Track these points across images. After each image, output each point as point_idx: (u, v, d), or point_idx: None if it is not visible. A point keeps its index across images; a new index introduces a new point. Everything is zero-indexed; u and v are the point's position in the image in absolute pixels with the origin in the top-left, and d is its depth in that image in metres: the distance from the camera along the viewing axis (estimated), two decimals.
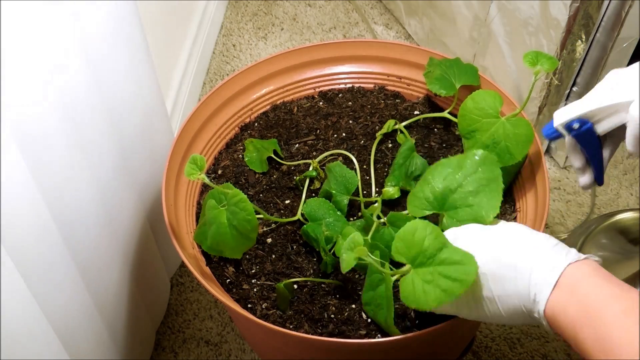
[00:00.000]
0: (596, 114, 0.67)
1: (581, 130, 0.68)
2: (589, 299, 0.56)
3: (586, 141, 0.69)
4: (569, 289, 0.58)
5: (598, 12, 1.10)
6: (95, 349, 0.85)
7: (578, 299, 0.56)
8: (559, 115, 0.69)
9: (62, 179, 0.72)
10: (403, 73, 1.04)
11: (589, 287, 0.57)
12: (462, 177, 0.76)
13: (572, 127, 0.68)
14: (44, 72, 0.66)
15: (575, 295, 0.57)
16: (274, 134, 1.00)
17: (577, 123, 0.67)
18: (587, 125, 0.67)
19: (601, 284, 0.57)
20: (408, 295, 0.66)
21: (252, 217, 0.77)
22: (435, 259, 0.66)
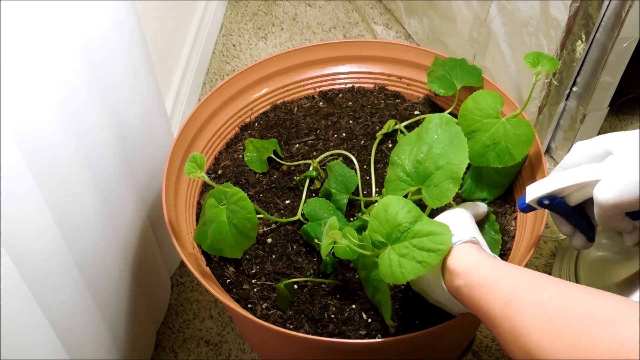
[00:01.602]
0: (563, 190, 0.69)
1: (552, 205, 0.70)
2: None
3: (562, 212, 0.71)
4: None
5: (598, 12, 1.10)
6: (95, 349, 0.85)
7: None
8: (530, 192, 0.71)
9: (62, 178, 0.72)
10: (403, 73, 1.04)
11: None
12: (425, 147, 0.76)
13: (544, 203, 0.70)
14: (43, 72, 0.66)
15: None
16: (274, 134, 1.00)
17: (546, 200, 0.70)
18: (557, 200, 0.70)
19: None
20: (385, 271, 0.67)
21: (252, 216, 0.77)
22: (409, 233, 0.66)
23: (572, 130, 1.29)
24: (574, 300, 0.52)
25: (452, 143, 0.75)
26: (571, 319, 0.50)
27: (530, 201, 0.71)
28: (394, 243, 0.68)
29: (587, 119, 1.26)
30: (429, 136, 0.76)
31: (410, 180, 0.77)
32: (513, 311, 0.55)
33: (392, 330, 0.79)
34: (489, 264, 0.62)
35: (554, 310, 0.52)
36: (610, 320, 0.47)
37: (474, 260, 0.63)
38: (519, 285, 0.57)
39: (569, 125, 1.29)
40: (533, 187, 0.71)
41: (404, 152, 0.78)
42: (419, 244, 0.65)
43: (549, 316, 0.52)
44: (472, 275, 0.62)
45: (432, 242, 0.65)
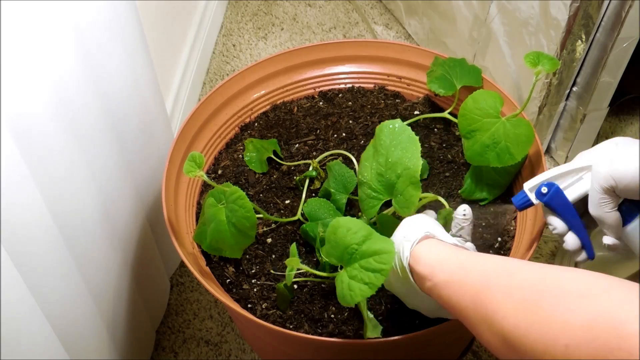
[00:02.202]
0: (563, 178, 0.70)
1: (550, 193, 0.70)
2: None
3: (559, 206, 0.71)
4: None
5: (598, 12, 1.10)
6: (95, 348, 0.85)
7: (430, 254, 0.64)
8: (528, 183, 0.72)
9: (62, 178, 0.72)
10: (403, 73, 1.04)
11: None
12: (382, 158, 0.76)
13: (542, 192, 0.70)
14: (42, 72, 0.66)
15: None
16: (274, 134, 1.00)
17: (545, 187, 0.70)
18: (555, 187, 0.70)
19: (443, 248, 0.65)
20: (340, 293, 0.67)
21: (251, 214, 0.77)
22: (357, 253, 0.67)
23: (572, 130, 1.29)
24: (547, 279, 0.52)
25: (405, 148, 0.75)
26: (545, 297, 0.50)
27: (530, 188, 0.71)
28: (347, 265, 0.68)
29: (587, 119, 1.26)
30: (383, 146, 0.76)
31: (379, 195, 0.77)
32: (485, 299, 0.54)
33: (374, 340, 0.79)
34: (452, 258, 0.62)
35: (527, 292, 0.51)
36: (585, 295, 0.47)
37: (435, 258, 0.63)
38: (488, 273, 0.57)
39: (569, 125, 1.29)
40: (532, 179, 0.72)
41: (365, 169, 0.78)
42: (365, 265, 0.65)
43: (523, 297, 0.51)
44: (438, 275, 0.61)
45: (377, 262, 0.64)
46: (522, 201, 0.72)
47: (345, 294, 0.66)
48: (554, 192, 0.70)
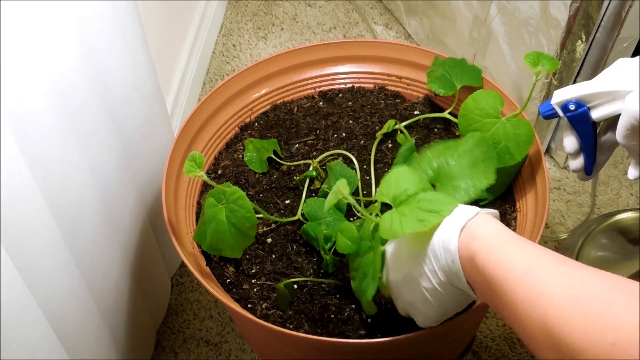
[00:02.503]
0: (594, 98, 0.66)
1: (576, 113, 0.67)
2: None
3: (580, 125, 0.68)
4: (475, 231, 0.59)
5: (598, 12, 1.10)
6: (95, 349, 0.85)
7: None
8: (558, 94, 0.69)
9: (62, 177, 0.72)
10: (403, 73, 1.04)
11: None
12: (457, 155, 0.80)
13: (568, 108, 0.68)
14: (43, 71, 0.66)
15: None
16: (274, 134, 1.00)
17: (573, 104, 0.67)
18: (583, 109, 0.67)
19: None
20: (385, 226, 0.65)
21: (251, 215, 0.77)
22: (415, 198, 0.66)
23: None
24: (598, 273, 0.48)
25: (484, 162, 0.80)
26: (597, 289, 0.47)
27: (557, 103, 0.68)
28: (399, 206, 0.67)
29: None
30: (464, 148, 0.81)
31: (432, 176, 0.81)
32: (534, 278, 0.51)
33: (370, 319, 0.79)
34: (510, 231, 0.59)
35: (577, 280, 0.48)
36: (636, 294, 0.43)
37: (495, 227, 0.59)
38: (541, 254, 0.54)
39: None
40: (564, 89, 0.69)
41: (436, 150, 0.82)
42: (422, 206, 0.64)
43: (572, 284, 0.48)
44: (493, 238, 0.57)
45: (436, 204, 0.63)
46: (548, 112, 0.70)
47: (394, 227, 0.64)
48: (580, 113, 0.67)
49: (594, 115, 0.67)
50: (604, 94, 0.66)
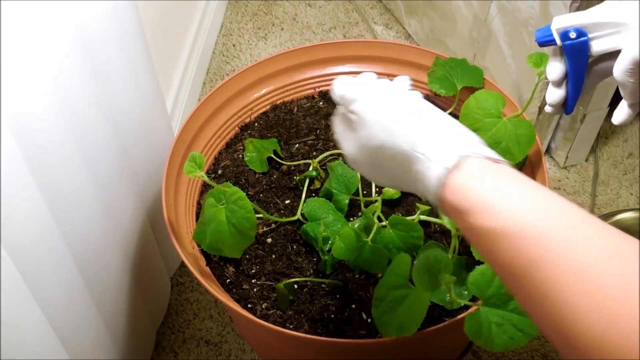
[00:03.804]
0: (597, 28, 0.62)
1: (576, 41, 0.62)
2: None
3: (576, 56, 0.63)
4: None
5: None
6: (95, 349, 0.85)
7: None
8: (559, 20, 0.63)
9: (62, 178, 0.72)
10: (403, 73, 1.04)
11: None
12: None
13: (568, 36, 0.63)
14: (43, 71, 0.66)
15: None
16: (274, 134, 1.00)
17: (574, 32, 0.62)
18: (584, 38, 0.62)
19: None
20: (476, 332, 0.68)
21: (251, 215, 0.77)
22: (507, 305, 0.68)
23: (572, 131, 1.29)
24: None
25: None
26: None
27: (557, 29, 0.63)
28: (490, 307, 0.69)
29: (587, 119, 1.26)
30: None
31: None
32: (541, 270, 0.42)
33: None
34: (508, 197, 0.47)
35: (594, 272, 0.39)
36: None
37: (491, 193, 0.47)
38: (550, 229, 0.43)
39: (569, 125, 1.29)
40: (565, 15, 0.63)
41: None
42: (513, 320, 0.68)
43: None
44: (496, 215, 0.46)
45: (525, 324, 0.67)
46: (545, 38, 0.65)
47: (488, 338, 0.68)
48: (580, 43, 0.62)
49: (595, 48, 0.62)
50: (609, 24, 0.61)
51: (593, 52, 0.63)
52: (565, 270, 0.40)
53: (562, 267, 0.41)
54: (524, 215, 0.45)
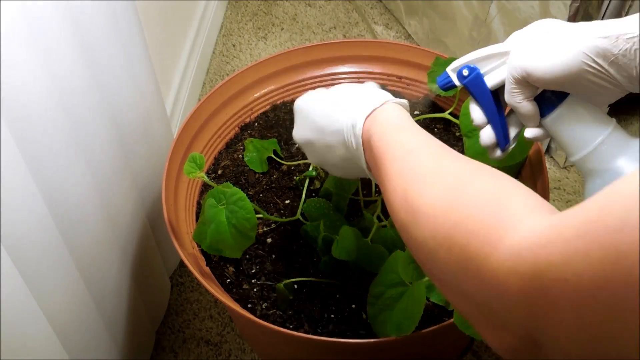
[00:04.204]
0: (486, 62, 0.65)
1: (470, 78, 0.66)
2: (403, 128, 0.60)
3: (479, 92, 0.66)
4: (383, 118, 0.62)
5: (598, 12, 1.10)
6: (95, 349, 0.85)
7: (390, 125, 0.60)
8: (453, 63, 0.68)
9: (62, 178, 0.72)
10: (403, 73, 1.04)
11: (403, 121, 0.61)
12: None
13: (462, 74, 0.66)
14: (40, 72, 0.66)
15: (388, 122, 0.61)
16: (274, 134, 1.00)
17: (466, 69, 0.66)
18: (475, 72, 0.66)
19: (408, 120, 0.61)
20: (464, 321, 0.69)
21: (251, 216, 0.77)
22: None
23: None
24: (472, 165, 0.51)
25: None
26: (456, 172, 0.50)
27: (452, 69, 0.67)
28: None
29: None
30: None
31: None
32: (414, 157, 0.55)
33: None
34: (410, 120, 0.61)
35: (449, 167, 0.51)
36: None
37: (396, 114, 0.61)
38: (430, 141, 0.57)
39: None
40: (458, 59, 0.68)
41: None
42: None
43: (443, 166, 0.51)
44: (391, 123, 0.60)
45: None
46: (445, 82, 0.69)
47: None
48: (474, 77, 0.66)
49: (489, 82, 0.65)
50: (495, 55, 0.65)
51: (490, 87, 0.65)
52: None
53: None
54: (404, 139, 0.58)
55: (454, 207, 0.46)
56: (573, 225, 0.35)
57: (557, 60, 0.56)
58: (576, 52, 0.55)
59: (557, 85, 0.58)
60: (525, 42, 0.60)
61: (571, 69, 0.56)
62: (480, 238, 0.41)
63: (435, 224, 0.46)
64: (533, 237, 0.38)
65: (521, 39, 0.62)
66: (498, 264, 0.39)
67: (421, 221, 0.48)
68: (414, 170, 0.53)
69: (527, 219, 0.41)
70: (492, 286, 0.39)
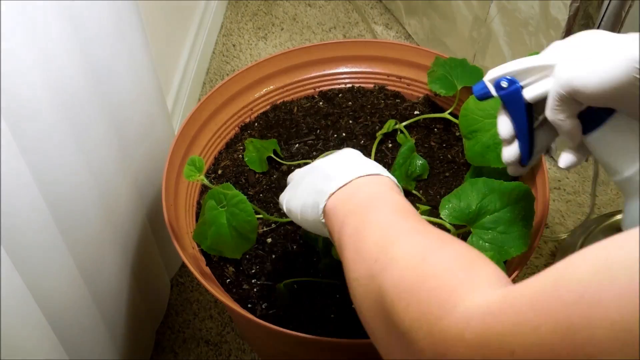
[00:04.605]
0: (527, 74, 0.62)
1: (508, 91, 0.63)
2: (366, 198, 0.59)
3: (513, 105, 0.64)
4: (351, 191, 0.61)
5: (598, 12, 1.10)
6: (94, 348, 0.85)
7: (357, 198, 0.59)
8: (491, 71, 0.65)
9: (62, 178, 0.72)
10: (403, 73, 1.04)
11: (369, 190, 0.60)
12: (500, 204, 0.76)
13: (501, 85, 0.63)
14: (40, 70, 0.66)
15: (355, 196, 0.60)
16: (274, 134, 1.00)
17: (505, 81, 0.63)
18: (515, 86, 0.63)
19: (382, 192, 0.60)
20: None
21: (252, 218, 0.77)
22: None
23: None
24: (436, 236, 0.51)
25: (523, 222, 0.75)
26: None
27: (490, 80, 0.64)
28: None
29: None
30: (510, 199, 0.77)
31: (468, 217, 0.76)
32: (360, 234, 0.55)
33: None
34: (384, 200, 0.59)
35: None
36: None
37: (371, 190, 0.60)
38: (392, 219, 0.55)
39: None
40: (497, 67, 0.65)
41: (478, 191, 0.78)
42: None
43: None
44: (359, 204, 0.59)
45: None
46: (481, 91, 0.66)
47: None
48: (512, 90, 0.63)
49: (527, 95, 0.63)
50: (537, 68, 0.61)
51: (528, 99, 0.63)
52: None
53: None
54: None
55: (425, 262, 0.46)
56: (526, 295, 0.34)
57: (607, 75, 0.53)
58: (626, 64, 0.52)
59: (606, 100, 0.55)
60: (571, 56, 0.57)
61: (621, 83, 0.52)
62: (440, 297, 0.41)
63: (404, 273, 0.46)
64: (485, 305, 0.37)
65: (566, 52, 0.59)
66: (449, 327, 0.39)
67: (391, 269, 0.47)
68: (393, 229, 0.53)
69: (485, 288, 0.41)
70: (438, 350, 0.39)
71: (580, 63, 0.55)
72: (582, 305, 0.30)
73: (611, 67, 0.52)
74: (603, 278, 0.30)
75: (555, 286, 0.33)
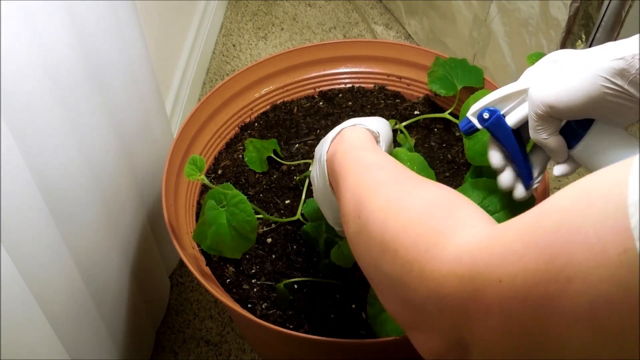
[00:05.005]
0: (506, 102, 0.65)
1: (491, 120, 0.66)
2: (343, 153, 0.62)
3: (501, 133, 0.66)
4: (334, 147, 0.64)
5: (598, 12, 1.10)
6: (94, 348, 0.85)
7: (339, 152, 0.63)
8: (473, 107, 0.68)
9: (62, 178, 0.72)
10: (403, 73, 1.04)
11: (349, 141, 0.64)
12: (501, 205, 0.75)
13: (483, 117, 0.66)
14: (39, 70, 0.66)
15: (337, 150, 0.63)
16: (274, 134, 1.00)
17: (487, 112, 0.66)
18: (496, 114, 0.66)
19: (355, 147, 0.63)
20: None
21: (252, 218, 0.77)
22: None
23: None
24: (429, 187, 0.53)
25: None
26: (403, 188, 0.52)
27: (472, 114, 0.67)
28: None
29: None
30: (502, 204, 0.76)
31: None
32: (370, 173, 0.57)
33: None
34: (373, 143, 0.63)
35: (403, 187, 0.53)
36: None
37: (361, 136, 0.64)
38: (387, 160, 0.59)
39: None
40: (478, 102, 0.68)
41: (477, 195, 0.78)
42: None
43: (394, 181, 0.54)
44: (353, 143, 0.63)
45: None
46: (467, 126, 0.69)
47: None
48: (495, 119, 0.66)
49: (510, 121, 0.65)
50: (514, 94, 0.64)
51: (511, 125, 0.65)
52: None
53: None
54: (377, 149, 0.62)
55: (405, 210, 0.48)
56: (511, 228, 0.37)
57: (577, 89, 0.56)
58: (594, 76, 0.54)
59: (580, 113, 0.57)
60: (541, 77, 0.60)
61: (592, 94, 0.55)
62: (427, 241, 0.43)
63: (385, 226, 0.48)
64: (474, 241, 0.40)
65: (536, 74, 0.62)
66: (439, 265, 0.41)
67: (371, 224, 0.49)
68: (369, 182, 0.55)
69: (472, 227, 0.43)
70: (431, 288, 0.41)
71: (550, 81, 0.58)
72: (562, 232, 0.32)
73: (580, 80, 0.55)
74: (582, 205, 0.32)
75: (539, 217, 0.35)
